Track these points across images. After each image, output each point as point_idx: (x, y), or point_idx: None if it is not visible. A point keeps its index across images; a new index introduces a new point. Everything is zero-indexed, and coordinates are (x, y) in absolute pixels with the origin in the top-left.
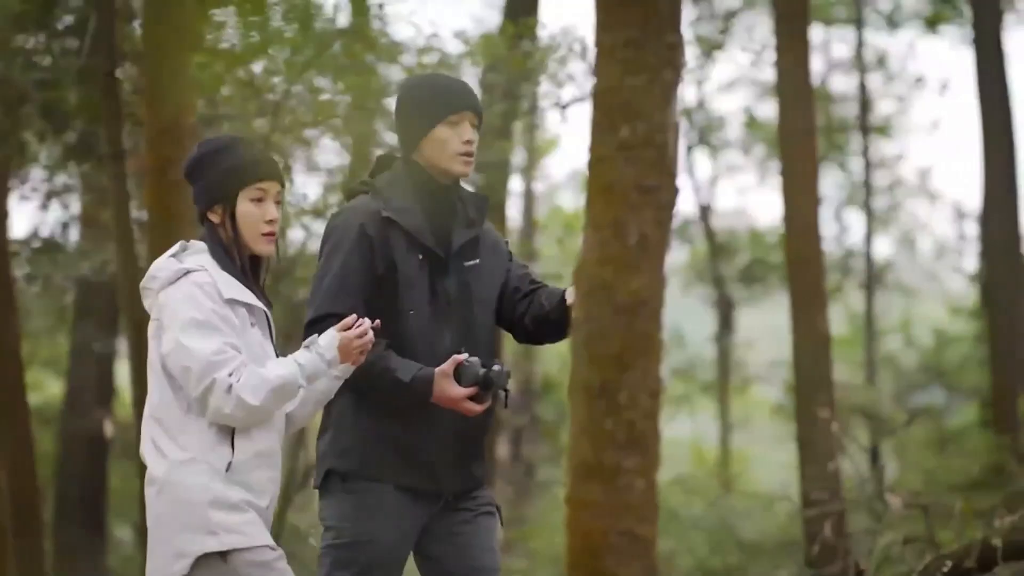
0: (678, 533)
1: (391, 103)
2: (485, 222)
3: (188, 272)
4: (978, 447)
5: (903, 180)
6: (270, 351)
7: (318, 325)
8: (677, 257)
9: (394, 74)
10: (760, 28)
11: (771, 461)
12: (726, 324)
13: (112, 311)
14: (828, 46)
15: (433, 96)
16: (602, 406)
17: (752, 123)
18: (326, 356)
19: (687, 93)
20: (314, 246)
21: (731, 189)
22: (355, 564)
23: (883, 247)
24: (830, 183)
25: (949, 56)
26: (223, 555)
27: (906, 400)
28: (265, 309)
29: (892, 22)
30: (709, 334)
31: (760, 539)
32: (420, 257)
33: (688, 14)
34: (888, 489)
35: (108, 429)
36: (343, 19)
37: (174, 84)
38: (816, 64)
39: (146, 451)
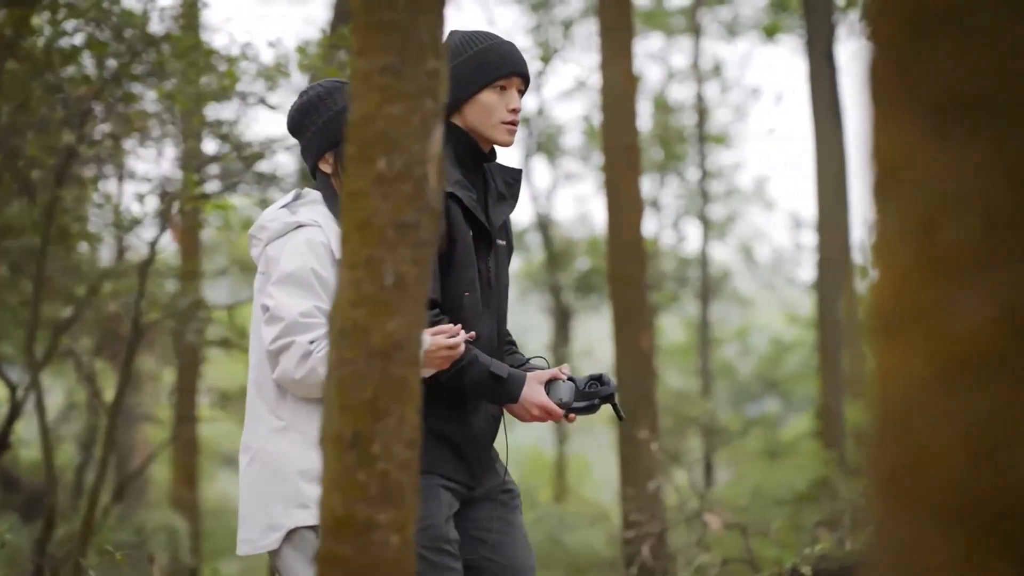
0: None
1: (213, 110)
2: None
3: (300, 226)
4: (806, 460)
5: (740, 189)
6: None
7: None
8: (514, 265)
9: (210, 83)
10: None
11: (609, 468)
12: (562, 333)
13: None
14: (667, 56)
15: (482, 57)
16: (354, 457)
17: (591, 131)
18: None
19: (527, 101)
20: (132, 257)
21: (571, 197)
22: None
23: (723, 255)
24: (669, 193)
25: (787, 66)
26: (314, 528)
27: (741, 409)
28: None
29: (731, 31)
30: (546, 342)
31: (588, 554)
32: (471, 234)
33: (527, 21)
34: (708, 508)
35: None
36: (157, 26)
37: None
38: (655, 74)
39: (246, 414)
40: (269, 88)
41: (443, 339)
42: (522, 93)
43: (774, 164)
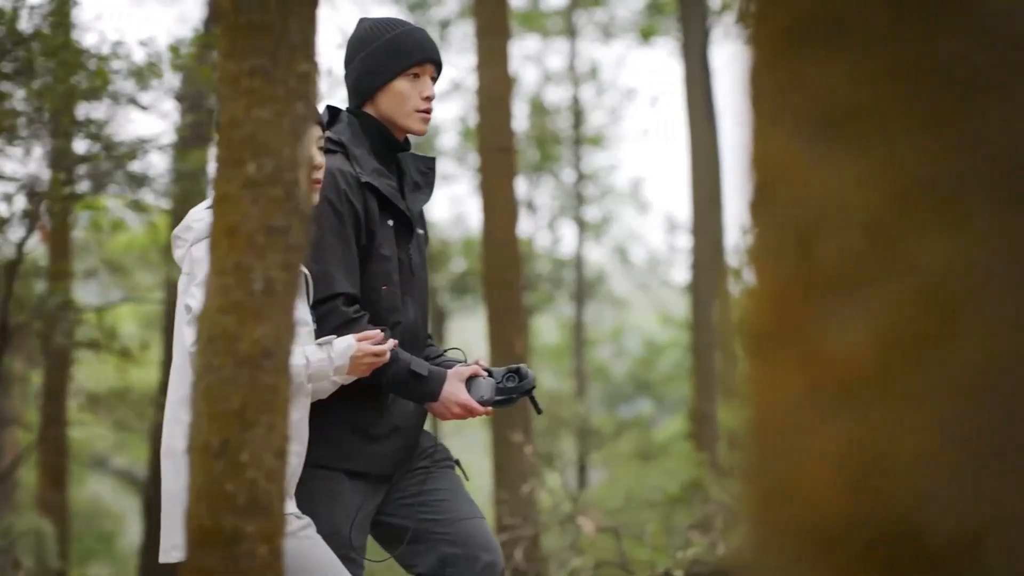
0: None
1: (83, 109)
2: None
3: None
4: (679, 462)
5: (615, 191)
6: (304, 315)
7: (324, 306)
8: None
9: (80, 82)
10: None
11: (483, 471)
12: (437, 334)
13: None
14: (543, 57)
15: (394, 44)
16: (221, 466)
17: (467, 133)
18: (335, 363)
19: None
20: None
21: (446, 198)
22: None
23: (598, 257)
24: (544, 194)
25: (664, 68)
26: None
27: (615, 411)
28: (305, 271)
29: (607, 33)
30: None
31: None
32: (391, 224)
33: (411, 20)
34: (582, 510)
35: None
36: (26, 24)
37: None
38: (531, 75)
39: (166, 419)
40: (141, 88)
41: (369, 346)
42: (434, 80)
43: (649, 166)
